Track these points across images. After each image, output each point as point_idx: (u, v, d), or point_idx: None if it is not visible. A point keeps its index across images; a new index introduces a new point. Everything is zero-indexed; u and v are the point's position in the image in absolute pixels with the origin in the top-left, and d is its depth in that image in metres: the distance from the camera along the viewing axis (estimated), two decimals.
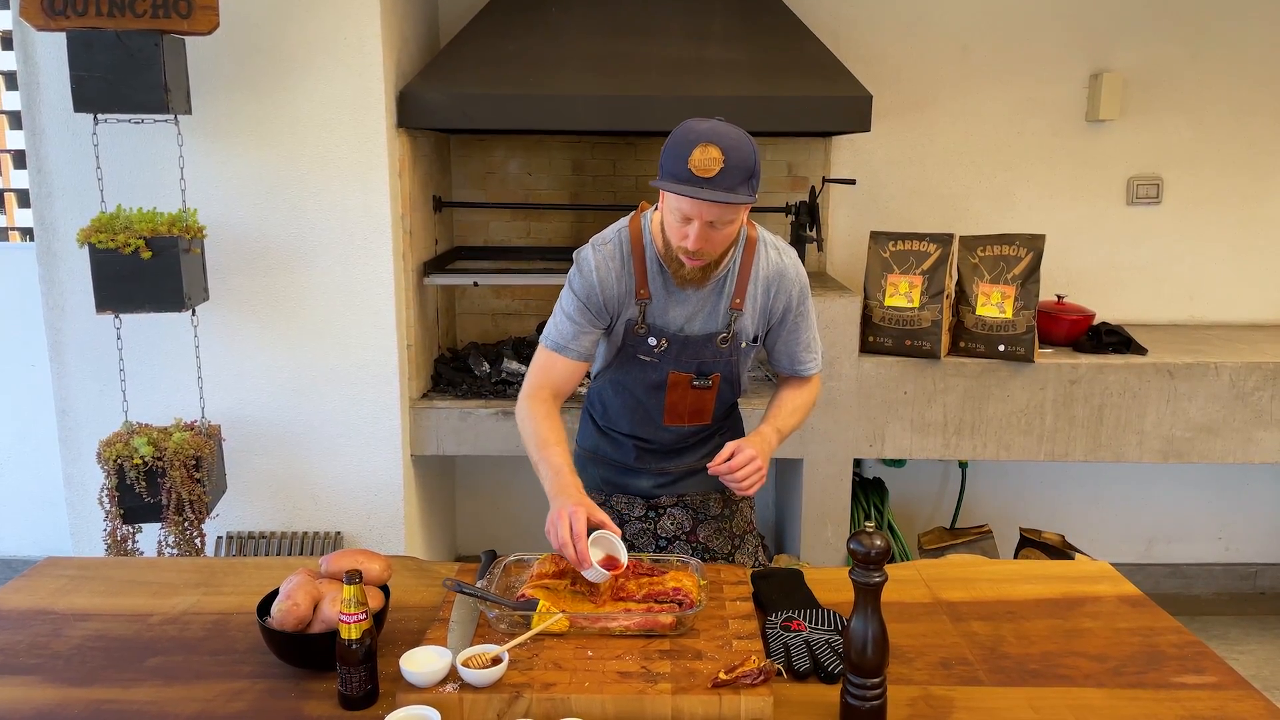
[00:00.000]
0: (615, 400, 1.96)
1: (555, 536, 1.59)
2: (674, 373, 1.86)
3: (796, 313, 1.88)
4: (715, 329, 1.84)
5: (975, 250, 3.11)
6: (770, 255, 1.85)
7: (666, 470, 1.99)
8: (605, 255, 1.81)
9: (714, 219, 1.65)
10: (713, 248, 1.70)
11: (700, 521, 2.00)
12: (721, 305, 1.83)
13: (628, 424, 1.97)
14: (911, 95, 3.55)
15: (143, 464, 2.47)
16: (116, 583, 1.83)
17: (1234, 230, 3.64)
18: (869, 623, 1.33)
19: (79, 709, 1.41)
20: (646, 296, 1.81)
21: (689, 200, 1.62)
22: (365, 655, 1.39)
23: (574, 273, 1.84)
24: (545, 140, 3.59)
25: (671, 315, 1.83)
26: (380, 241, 2.85)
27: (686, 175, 1.60)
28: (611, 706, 1.34)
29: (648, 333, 1.83)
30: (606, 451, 2.02)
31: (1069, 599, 1.76)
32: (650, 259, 1.81)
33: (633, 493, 2.01)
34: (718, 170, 1.59)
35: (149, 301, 2.45)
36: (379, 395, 2.94)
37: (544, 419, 1.80)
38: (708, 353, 1.85)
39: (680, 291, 1.81)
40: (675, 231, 1.70)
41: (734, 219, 1.68)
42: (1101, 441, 3.11)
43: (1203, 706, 1.41)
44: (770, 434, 1.84)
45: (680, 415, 1.92)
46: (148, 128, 2.68)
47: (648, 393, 1.90)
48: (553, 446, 1.75)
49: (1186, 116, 3.56)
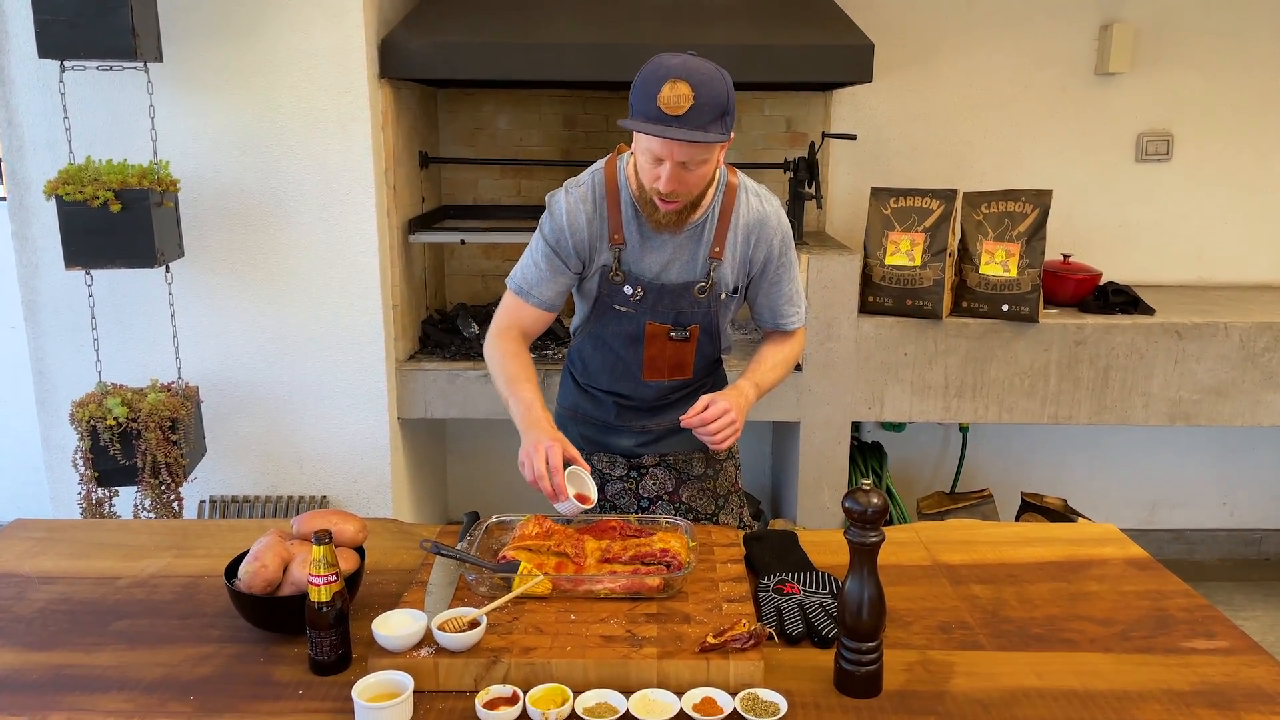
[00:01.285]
0: (595, 356, 1.90)
1: (530, 470, 1.57)
2: (651, 323, 1.80)
3: (778, 263, 1.82)
4: (693, 278, 1.78)
5: (979, 207, 3.02)
6: (751, 202, 1.78)
7: (647, 428, 1.94)
8: (577, 198, 1.75)
9: (685, 159, 1.58)
10: (686, 190, 1.64)
11: (683, 481, 1.95)
12: (700, 253, 1.76)
13: (607, 380, 1.91)
14: (914, 47, 3.44)
15: (116, 425, 2.40)
16: (85, 545, 1.77)
17: (1245, 188, 3.54)
18: (865, 584, 1.26)
19: (38, 673, 1.35)
20: (621, 242, 1.75)
21: (659, 140, 1.56)
22: (336, 619, 1.32)
23: (545, 216, 1.78)
24: (536, 94, 3.47)
25: (647, 262, 1.76)
26: (363, 197, 2.76)
27: (655, 113, 1.52)
28: (594, 671, 1.28)
29: (624, 281, 1.77)
30: (587, 409, 1.96)
31: (1073, 562, 1.69)
32: (625, 203, 1.74)
33: (614, 451, 1.96)
34: (688, 108, 1.52)
35: (119, 256, 2.36)
36: (364, 357, 2.86)
37: (512, 356, 1.77)
38: (685, 302, 1.79)
39: (656, 237, 1.75)
40: (647, 173, 1.63)
41: (707, 159, 1.61)
42: (1106, 404, 3.03)
43: (1214, 672, 1.34)
44: (748, 388, 1.78)
45: (660, 370, 1.86)
46: (117, 76, 2.57)
47: (626, 346, 1.85)
48: (522, 382, 1.72)
49: (1198, 69, 3.44)
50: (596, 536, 1.60)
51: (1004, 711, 1.25)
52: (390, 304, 2.91)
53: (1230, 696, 1.28)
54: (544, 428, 1.63)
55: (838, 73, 2.88)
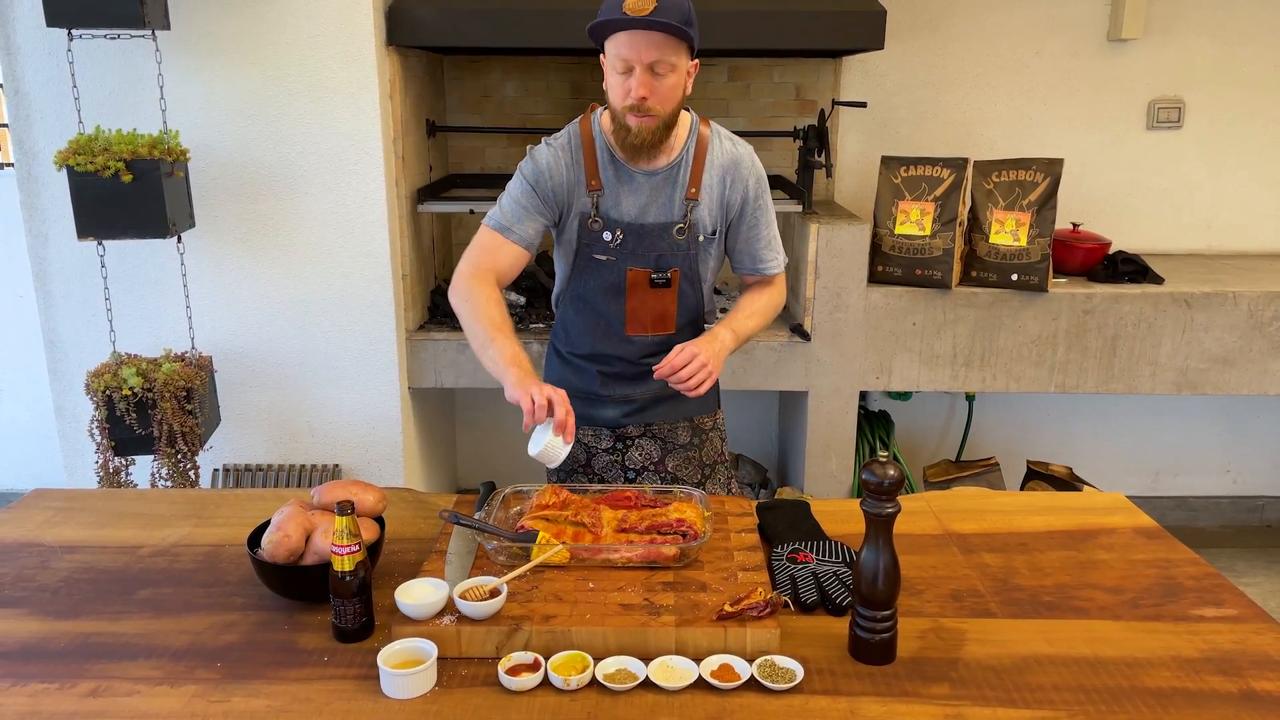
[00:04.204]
0: (576, 320, 1.91)
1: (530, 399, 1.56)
2: (632, 269, 1.81)
3: (755, 205, 1.85)
4: (671, 219, 1.80)
5: (990, 175, 3.01)
6: (725, 145, 1.82)
7: (631, 397, 1.94)
8: (557, 146, 1.80)
9: (654, 60, 1.62)
10: (658, 100, 1.66)
11: (668, 451, 1.97)
12: (676, 195, 1.80)
13: (590, 342, 1.91)
14: (926, 13, 3.40)
15: (132, 395, 2.42)
16: (106, 514, 1.80)
17: (1256, 156, 3.52)
18: (880, 554, 1.28)
19: (66, 641, 1.38)
20: (598, 187, 1.78)
21: (626, 42, 1.61)
22: (359, 588, 1.34)
23: (524, 162, 1.82)
24: (542, 61, 3.45)
25: (625, 205, 1.79)
26: (371, 167, 2.75)
27: (621, 17, 1.59)
28: (614, 639, 1.30)
29: (602, 227, 1.79)
30: (571, 382, 1.95)
31: (1083, 530, 1.71)
32: (600, 149, 1.78)
33: (599, 424, 1.96)
34: (652, 8, 1.58)
35: (131, 227, 2.36)
36: (374, 326, 2.87)
37: (489, 301, 1.75)
38: (664, 244, 1.80)
39: (632, 181, 1.78)
40: (618, 90, 1.67)
41: (675, 64, 1.65)
42: (1114, 373, 3.04)
43: (1223, 639, 1.37)
44: (724, 334, 1.79)
45: (643, 323, 1.86)
46: (125, 44, 2.56)
47: (608, 300, 1.85)
48: (505, 333, 1.70)
49: (1211, 36, 3.41)
50: (613, 506, 1.62)
51: (1015, 678, 1.27)
52: (400, 274, 2.92)
53: (1238, 663, 1.31)
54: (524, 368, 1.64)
55: (849, 39, 2.85)
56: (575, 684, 1.23)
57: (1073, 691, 1.24)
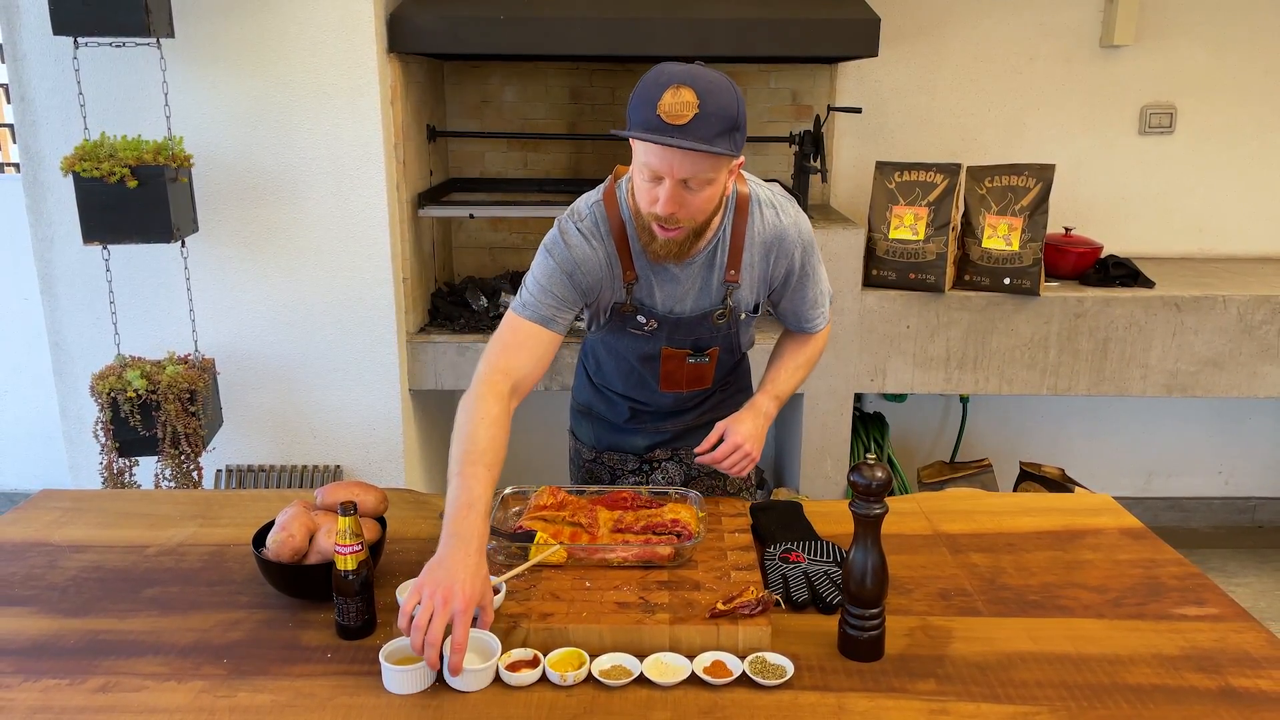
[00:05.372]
0: (609, 361, 1.82)
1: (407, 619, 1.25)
2: (668, 348, 1.70)
3: (800, 274, 1.67)
4: (710, 306, 1.65)
5: (983, 181, 3.04)
6: (767, 216, 1.61)
7: (662, 429, 1.88)
8: (586, 233, 1.58)
9: (688, 176, 1.40)
10: (688, 215, 1.46)
11: (693, 478, 1.91)
12: (714, 279, 1.62)
13: (621, 385, 1.84)
14: (920, 19, 3.44)
15: (136, 397, 2.45)
16: (112, 514, 1.83)
17: (1246, 161, 3.56)
18: (869, 554, 1.31)
19: (75, 638, 1.41)
20: (634, 279, 1.60)
21: (657, 152, 1.38)
22: (361, 586, 1.38)
23: (553, 244, 1.58)
24: (542, 67, 3.48)
25: (660, 295, 1.62)
26: (373, 172, 2.79)
27: (655, 122, 1.35)
28: (609, 636, 1.34)
29: (636, 312, 1.64)
30: (601, 410, 1.91)
31: (1069, 531, 1.75)
32: (633, 237, 1.58)
33: (626, 450, 1.91)
34: (691, 116, 1.34)
35: (136, 232, 2.40)
36: (375, 329, 2.90)
37: (481, 422, 1.46)
38: (703, 330, 1.68)
39: (667, 270, 1.60)
40: (644, 195, 1.46)
41: (712, 179, 1.42)
42: (1105, 375, 3.08)
43: (1203, 638, 1.40)
44: (766, 404, 1.70)
45: (677, 383, 1.77)
46: (130, 52, 2.59)
47: (642, 362, 1.75)
48: (481, 469, 1.39)
49: (1203, 42, 3.45)
50: (609, 507, 1.65)
51: (1000, 674, 1.31)
52: (400, 277, 2.95)
53: (1218, 661, 1.34)
54: (471, 554, 1.29)
55: (844, 47, 2.89)
56: (572, 680, 1.27)
57: (1055, 688, 1.28)
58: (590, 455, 1.96)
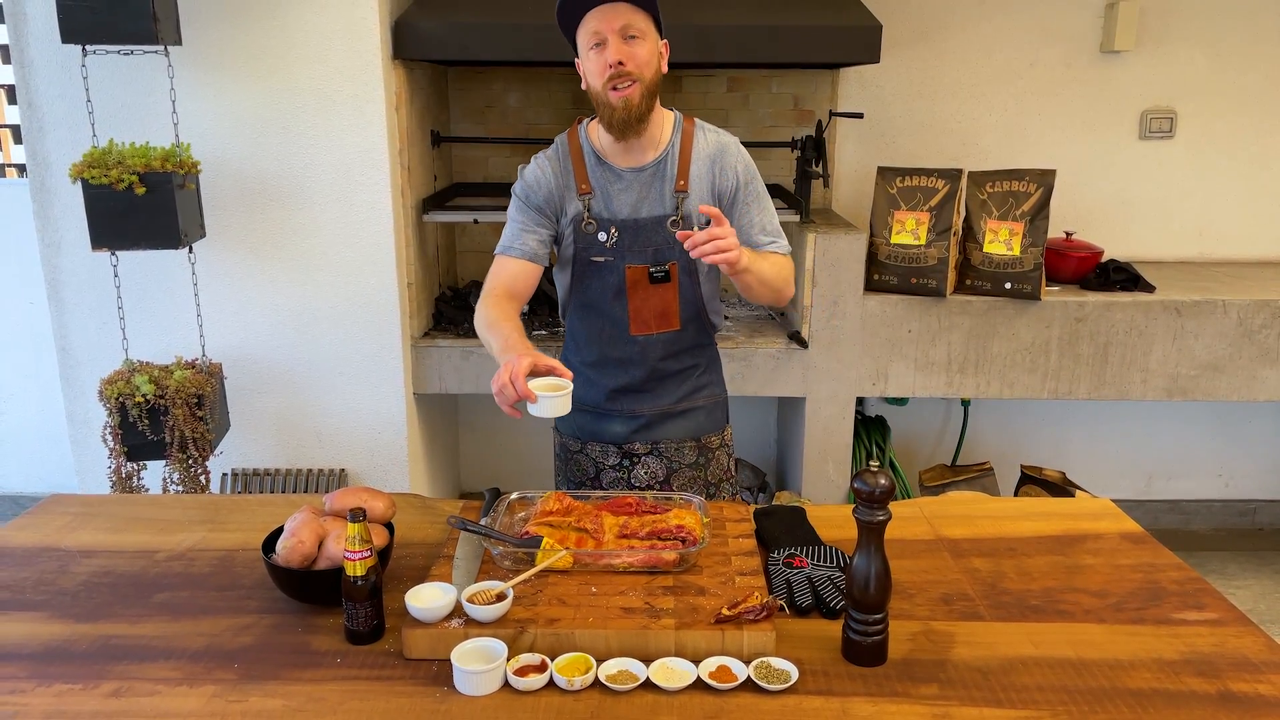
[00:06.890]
0: (582, 327, 1.96)
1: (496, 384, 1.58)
2: (630, 267, 1.85)
3: (745, 190, 1.87)
4: (664, 212, 1.84)
5: (984, 186, 3.06)
6: (709, 135, 1.87)
7: (638, 412, 1.97)
8: (543, 159, 1.88)
9: (623, 25, 1.69)
10: (635, 65, 1.71)
11: (674, 470, 1.98)
12: (666, 189, 1.84)
13: (597, 348, 1.94)
14: (921, 25, 3.46)
15: (145, 402, 2.47)
16: (122, 519, 1.84)
17: (1246, 165, 3.57)
18: (872, 560, 1.33)
19: (87, 643, 1.42)
20: (588, 190, 1.84)
21: (595, 16, 1.69)
22: (371, 591, 1.39)
23: (516, 184, 1.90)
24: (545, 72, 3.50)
25: (617, 204, 1.85)
26: (378, 177, 2.80)
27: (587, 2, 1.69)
28: (615, 641, 1.35)
29: (596, 228, 1.84)
30: (579, 395, 1.93)
31: (1070, 536, 1.76)
32: (588, 153, 1.85)
33: (606, 440, 1.99)
34: None
35: (144, 239, 2.42)
36: (380, 333, 2.92)
37: (494, 307, 1.81)
38: (659, 238, 1.84)
39: (621, 178, 1.83)
40: (596, 68, 1.72)
41: (644, 29, 1.72)
42: (1106, 379, 3.10)
43: (1203, 642, 1.41)
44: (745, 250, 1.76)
45: (646, 320, 1.89)
46: (137, 59, 2.61)
47: (610, 302, 1.89)
48: (502, 324, 1.75)
49: (1203, 48, 3.46)
50: (614, 513, 1.67)
51: (1002, 679, 1.32)
52: (405, 282, 2.97)
53: (1217, 665, 1.35)
54: (516, 348, 1.65)
55: (846, 53, 2.90)
56: (579, 684, 1.28)
57: (1056, 692, 1.29)
58: (576, 447, 2.02)
